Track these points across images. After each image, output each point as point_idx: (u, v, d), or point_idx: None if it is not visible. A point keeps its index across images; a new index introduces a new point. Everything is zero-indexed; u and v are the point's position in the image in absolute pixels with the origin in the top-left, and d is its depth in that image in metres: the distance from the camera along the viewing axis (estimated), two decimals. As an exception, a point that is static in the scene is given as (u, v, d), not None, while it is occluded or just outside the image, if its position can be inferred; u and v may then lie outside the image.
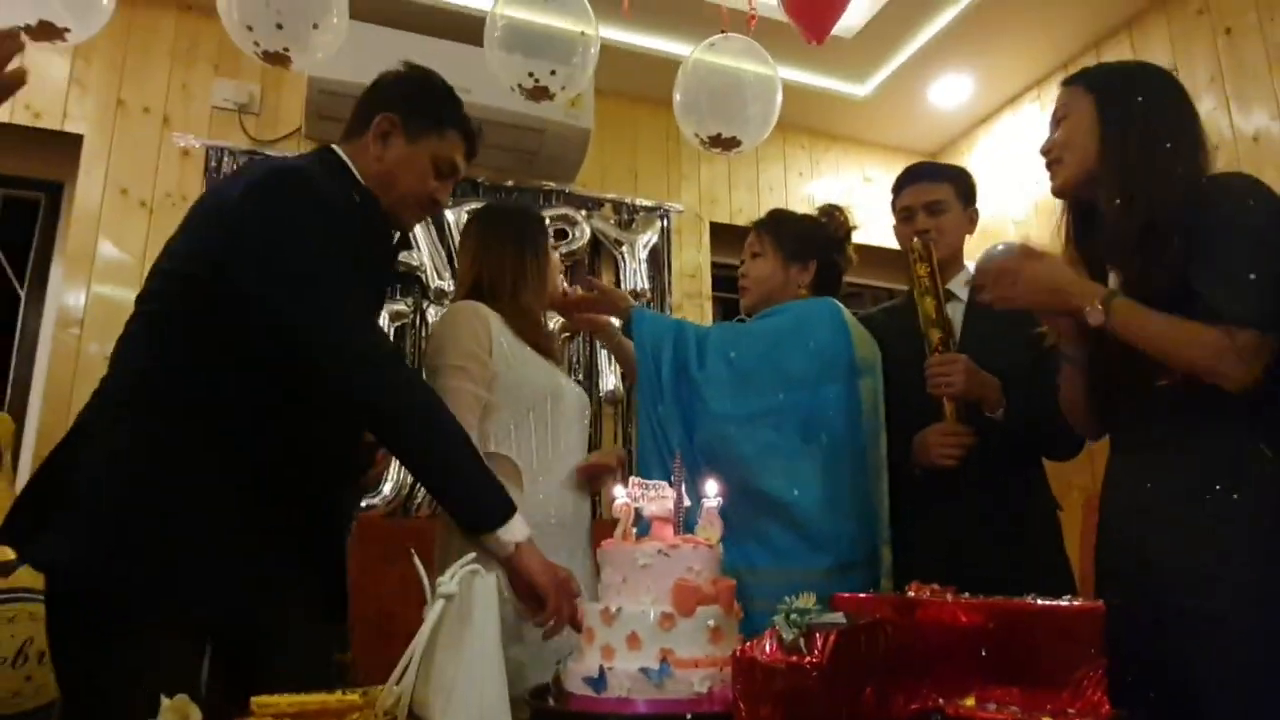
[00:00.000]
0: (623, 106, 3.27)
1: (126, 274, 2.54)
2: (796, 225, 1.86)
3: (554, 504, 1.62)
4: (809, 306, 1.74)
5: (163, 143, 2.67)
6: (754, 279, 1.81)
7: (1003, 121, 3.46)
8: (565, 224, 3.04)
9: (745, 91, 2.29)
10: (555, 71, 2.21)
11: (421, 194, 1.43)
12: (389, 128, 1.40)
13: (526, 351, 1.66)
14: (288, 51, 2.06)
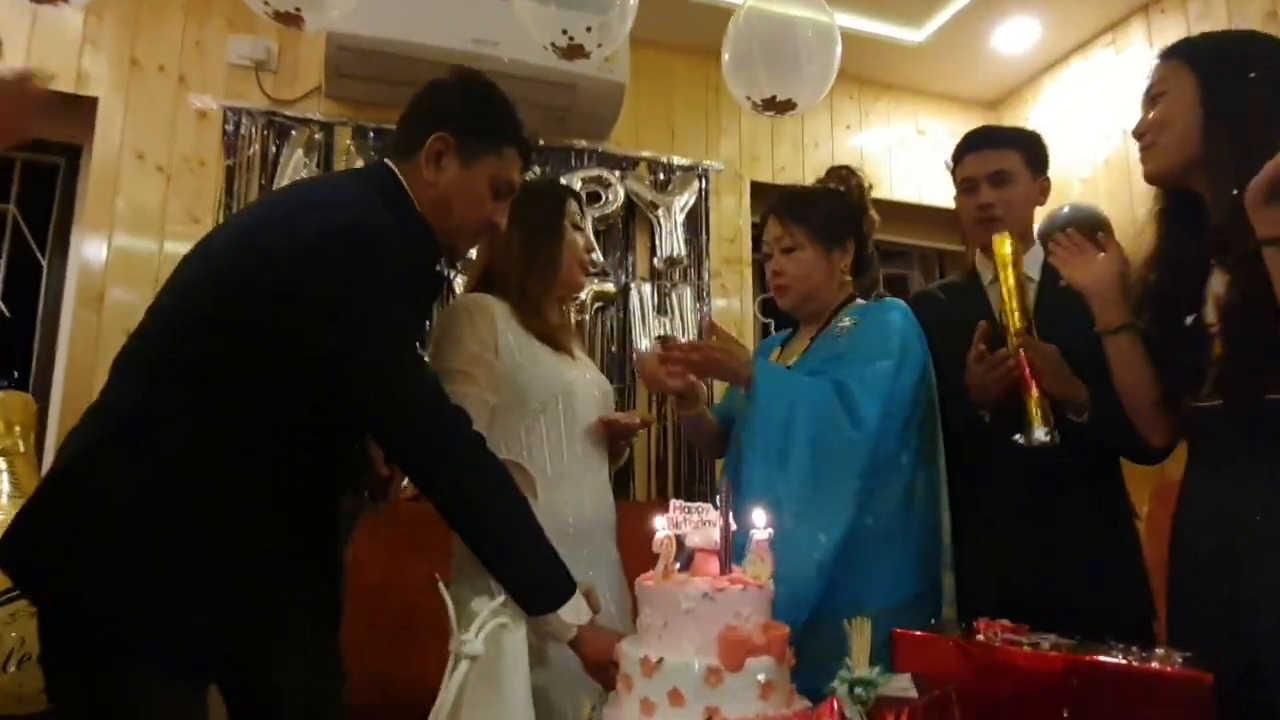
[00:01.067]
0: (660, 57, 3.06)
1: (145, 246, 2.45)
2: (827, 206, 1.67)
3: (572, 511, 1.52)
4: (897, 322, 1.60)
5: (179, 103, 2.55)
6: (795, 276, 1.63)
7: (1071, 69, 3.19)
8: (598, 186, 2.88)
9: (801, 47, 2.10)
10: (591, 28, 2.04)
11: (479, 220, 1.38)
12: (442, 148, 1.31)
13: (535, 347, 1.55)
14: (299, 11, 1.92)
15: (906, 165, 3.40)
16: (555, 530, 1.41)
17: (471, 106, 1.36)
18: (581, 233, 1.69)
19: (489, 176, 1.34)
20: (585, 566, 1.47)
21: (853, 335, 1.57)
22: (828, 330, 1.63)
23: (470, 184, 1.33)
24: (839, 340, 1.58)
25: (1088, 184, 3.07)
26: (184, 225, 2.49)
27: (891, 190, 3.35)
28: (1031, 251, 1.76)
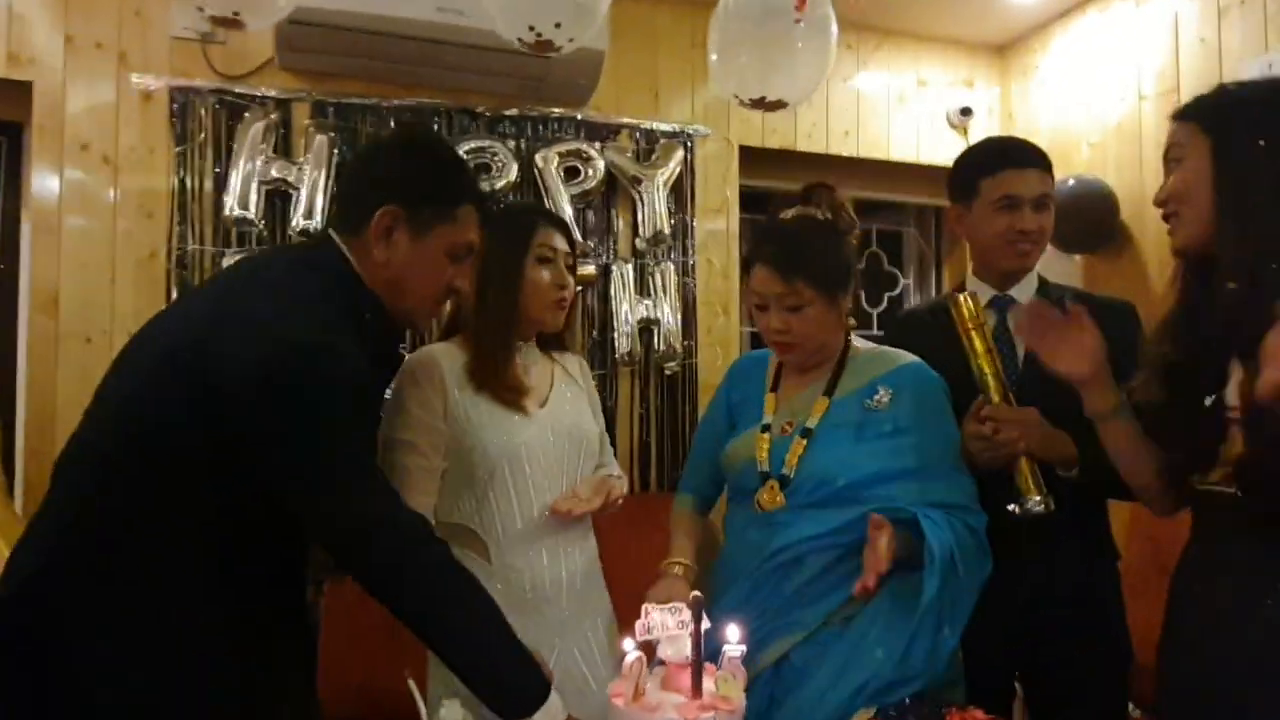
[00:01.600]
0: (641, 10, 2.83)
1: (98, 245, 2.33)
2: (826, 249, 1.50)
3: (528, 577, 1.49)
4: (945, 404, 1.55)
5: (121, 85, 2.37)
6: (803, 334, 1.48)
7: (1087, 18, 2.95)
8: (577, 160, 2.71)
9: (793, 42, 1.90)
10: (560, 24, 1.86)
11: (438, 291, 1.30)
12: (391, 223, 1.22)
13: (483, 408, 1.49)
14: (239, 15, 1.74)
15: (905, 121, 3.20)
16: (512, 598, 1.43)
17: (418, 172, 1.26)
18: (551, 265, 1.56)
19: (445, 245, 1.25)
20: (549, 632, 1.48)
21: (905, 420, 1.47)
22: (853, 395, 1.50)
23: (425, 257, 1.24)
24: (880, 416, 1.47)
25: (1095, 149, 2.90)
26: (137, 220, 2.36)
27: (889, 150, 3.18)
28: (1027, 277, 1.68)
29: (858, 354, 1.56)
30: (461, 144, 2.60)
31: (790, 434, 1.50)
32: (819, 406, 1.51)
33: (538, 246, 1.56)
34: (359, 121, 2.54)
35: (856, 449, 1.46)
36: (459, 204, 1.26)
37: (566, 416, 1.60)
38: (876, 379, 1.51)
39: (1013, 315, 1.66)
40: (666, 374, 2.79)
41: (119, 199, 2.36)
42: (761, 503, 1.48)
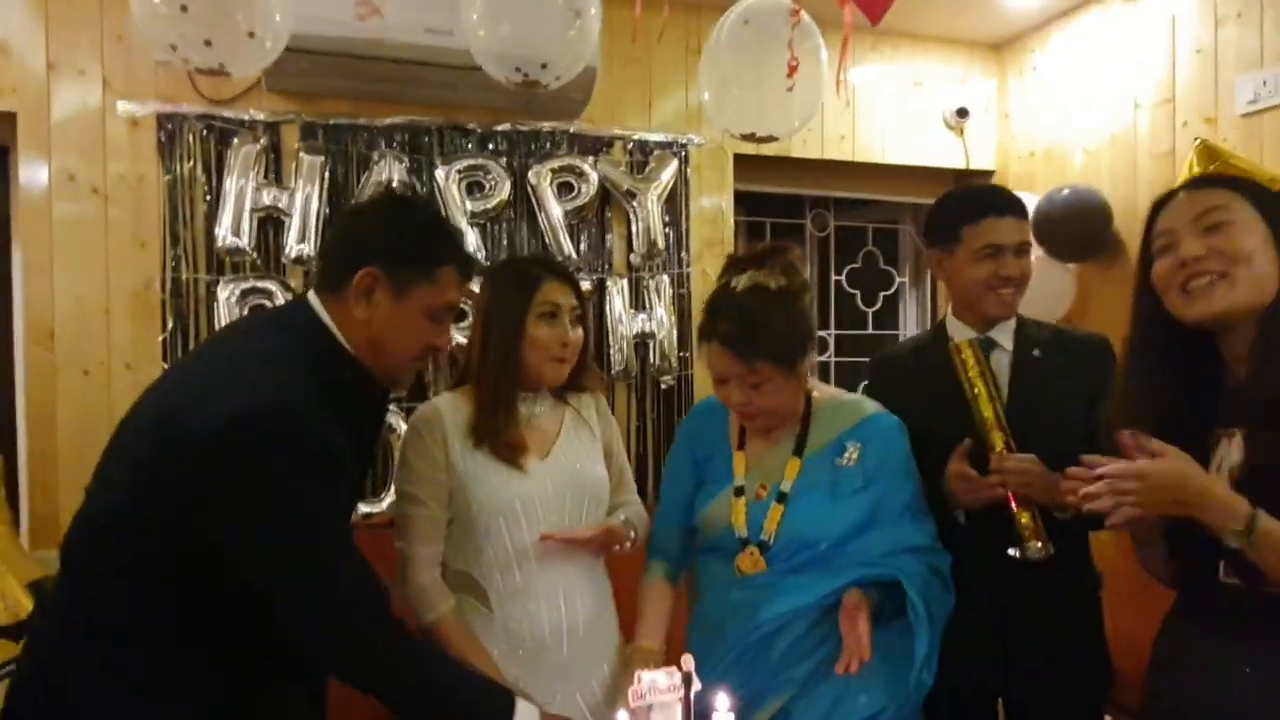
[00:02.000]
0: (633, 16, 2.77)
1: (92, 277, 2.32)
2: (783, 321, 1.48)
3: (526, 628, 1.52)
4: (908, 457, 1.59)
5: (106, 112, 2.33)
6: (766, 408, 1.50)
7: (1088, 18, 2.90)
8: (571, 176, 2.70)
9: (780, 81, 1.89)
10: (546, 64, 1.85)
11: (417, 351, 1.32)
12: (372, 283, 1.25)
13: (479, 462, 1.52)
14: (224, 67, 1.72)
15: (902, 124, 3.17)
16: (512, 645, 1.51)
17: (400, 234, 1.29)
18: (554, 321, 1.56)
19: (424, 307, 1.28)
20: (550, 679, 1.52)
21: (874, 472, 1.52)
22: (823, 452, 1.53)
23: (405, 317, 1.27)
24: (851, 472, 1.51)
25: (1091, 157, 2.88)
26: (130, 251, 2.35)
27: (885, 154, 3.16)
28: (1001, 324, 1.71)
29: (820, 407, 1.58)
30: (453, 162, 2.59)
31: (765, 498, 1.52)
32: (792, 468, 1.52)
33: (540, 304, 1.55)
34: (350, 142, 2.51)
35: (834, 509, 1.49)
36: (439, 265, 1.29)
37: (571, 466, 1.61)
38: (844, 434, 1.53)
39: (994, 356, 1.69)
40: (663, 387, 2.81)
41: (110, 229, 2.34)
42: (743, 567, 1.51)
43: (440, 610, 1.50)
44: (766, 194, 3.23)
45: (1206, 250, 1.17)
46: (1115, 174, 2.79)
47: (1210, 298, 1.17)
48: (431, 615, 1.50)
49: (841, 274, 3.46)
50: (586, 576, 1.61)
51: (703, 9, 2.85)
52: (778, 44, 1.90)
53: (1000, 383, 1.66)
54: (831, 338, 3.44)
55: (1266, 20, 2.33)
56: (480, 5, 1.85)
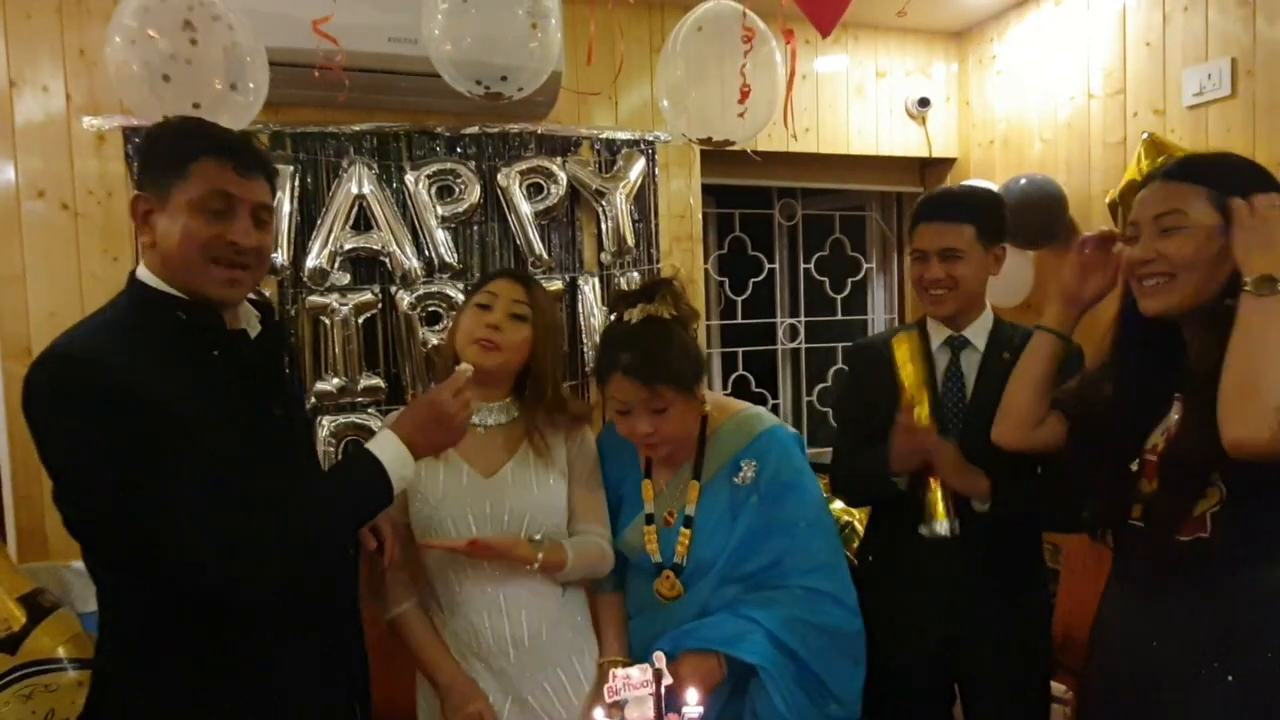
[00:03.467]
0: (596, 15, 2.79)
1: (65, 292, 2.34)
2: (680, 349, 1.55)
3: (470, 636, 1.57)
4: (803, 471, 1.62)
5: (71, 128, 2.33)
6: (671, 435, 1.55)
7: (1043, 10, 2.96)
8: (539, 177, 2.73)
9: (735, 92, 1.94)
10: (506, 76, 1.89)
11: (201, 248, 1.20)
12: (144, 208, 1.23)
13: (420, 474, 1.51)
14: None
15: (864, 114, 3.23)
16: (462, 647, 1.58)
17: (144, 153, 1.29)
18: (487, 312, 1.57)
19: (186, 205, 1.20)
20: (500, 683, 1.57)
21: (768, 486, 1.55)
22: (721, 474, 1.58)
23: (174, 223, 1.20)
24: (747, 489, 1.56)
25: (1048, 146, 2.96)
26: (102, 265, 2.36)
27: (849, 144, 3.21)
28: (980, 319, 1.78)
29: (718, 428, 1.63)
30: (423, 167, 2.61)
31: (674, 524, 1.59)
32: (693, 492, 1.59)
33: (479, 294, 1.61)
34: (318, 150, 2.53)
35: (734, 527, 1.55)
36: (190, 161, 1.21)
37: (514, 496, 1.58)
38: (739, 453, 1.58)
39: (965, 356, 1.76)
40: (636, 382, 2.87)
41: (81, 244, 2.35)
42: (661, 591, 1.60)
43: (401, 607, 1.58)
44: (734, 186, 3.28)
45: (1155, 254, 1.25)
46: (1070, 163, 2.86)
47: (1155, 297, 1.27)
48: (393, 611, 1.58)
49: (810, 262, 3.53)
50: (536, 588, 1.59)
51: (665, 7, 2.88)
52: (732, 50, 1.94)
53: (966, 381, 1.75)
54: (801, 324, 3.52)
55: (1211, 14, 2.40)
56: (441, 18, 1.88)
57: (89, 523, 1.18)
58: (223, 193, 1.22)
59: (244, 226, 1.24)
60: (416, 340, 2.57)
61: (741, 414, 1.65)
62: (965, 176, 3.28)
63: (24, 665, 2.03)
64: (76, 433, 1.11)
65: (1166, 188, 1.27)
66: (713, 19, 1.97)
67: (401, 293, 2.57)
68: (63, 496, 1.17)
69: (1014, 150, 3.09)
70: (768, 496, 1.55)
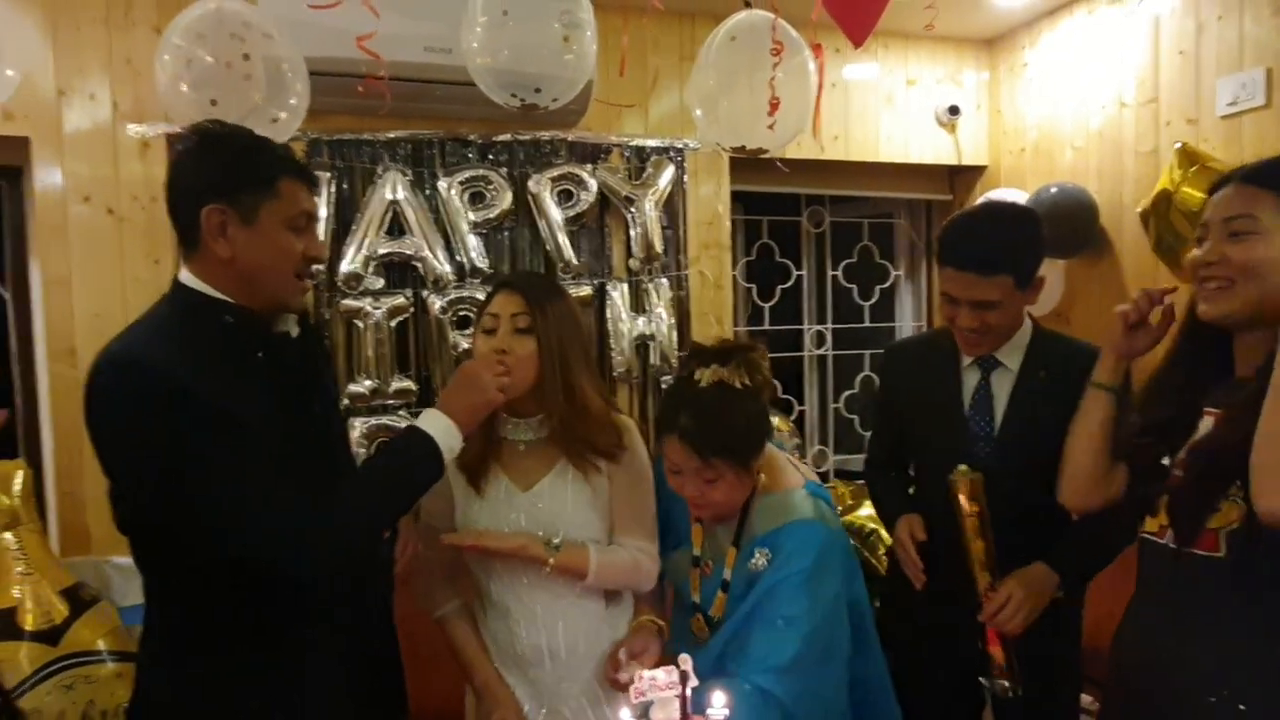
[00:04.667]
0: (629, 23, 2.82)
1: (108, 295, 2.40)
2: (745, 420, 1.49)
3: (508, 641, 1.58)
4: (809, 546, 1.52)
5: (117, 134, 2.40)
6: (720, 504, 1.51)
7: (1075, 18, 2.95)
8: (570, 184, 2.76)
9: (767, 100, 1.96)
10: (540, 89, 1.92)
11: (293, 266, 1.28)
12: (221, 218, 1.22)
13: (458, 480, 1.57)
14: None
15: (894, 121, 3.23)
16: (499, 654, 1.60)
17: (224, 164, 1.26)
18: (493, 336, 1.51)
19: (280, 222, 1.24)
20: (535, 692, 1.57)
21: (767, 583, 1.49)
22: (745, 550, 1.54)
23: (265, 239, 1.24)
24: (754, 577, 1.50)
25: (1079, 154, 2.94)
26: (145, 268, 2.43)
27: (878, 152, 3.21)
28: (1013, 340, 1.69)
29: (760, 502, 1.56)
30: (455, 173, 2.65)
31: (711, 575, 1.59)
32: (730, 557, 1.55)
33: (484, 318, 1.55)
34: (353, 157, 2.58)
35: (737, 606, 1.52)
36: (277, 178, 1.25)
37: (549, 510, 1.56)
38: (758, 539, 1.52)
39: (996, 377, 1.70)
40: (663, 387, 2.89)
41: (125, 248, 2.42)
42: (693, 629, 1.62)
43: (444, 609, 1.62)
44: (763, 193, 3.29)
45: (1219, 257, 1.20)
46: (1102, 171, 2.85)
47: (1213, 301, 1.22)
48: (437, 613, 1.62)
49: (838, 269, 3.53)
50: (575, 601, 1.57)
51: (696, 16, 2.90)
52: (765, 60, 1.96)
53: (996, 403, 1.69)
54: (829, 332, 3.52)
55: (1246, 23, 2.38)
56: (480, 31, 1.91)
57: (145, 523, 1.23)
58: (306, 212, 1.30)
59: (318, 241, 1.34)
60: (447, 344, 2.61)
61: (783, 494, 1.57)
62: (995, 184, 3.26)
63: (65, 657, 2.09)
64: (135, 433, 1.15)
65: (1241, 191, 1.21)
66: (746, 29, 1.99)
67: (433, 297, 2.61)
68: (122, 495, 1.22)
69: (1045, 158, 3.08)
70: (768, 588, 1.48)
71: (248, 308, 1.27)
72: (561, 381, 1.51)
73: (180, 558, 1.22)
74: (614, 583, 1.61)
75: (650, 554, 1.62)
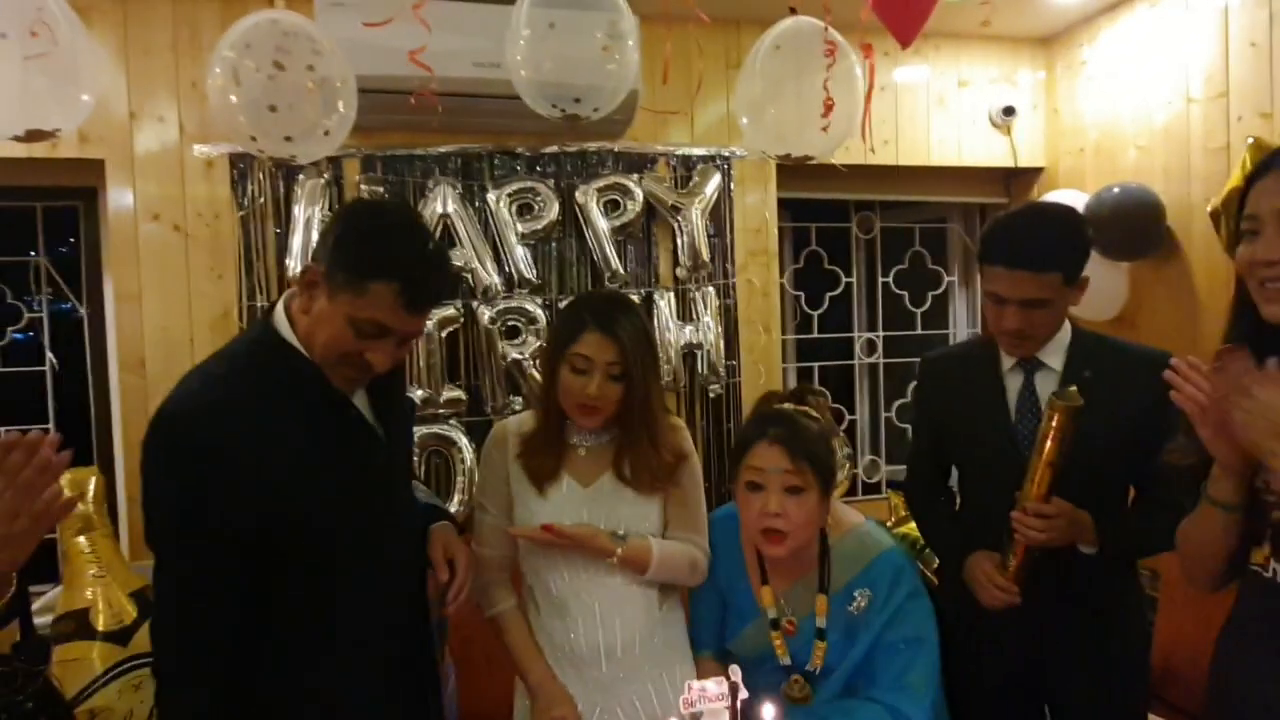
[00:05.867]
0: (673, 33, 2.83)
1: (176, 306, 2.51)
2: (825, 444, 1.60)
3: (564, 639, 1.61)
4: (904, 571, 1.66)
5: (184, 155, 2.51)
6: (799, 523, 1.55)
7: (1135, 14, 2.85)
8: (616, 194, 2.78)
9: (818, 105, 1.94)
10: (580, 99, 1.94)
11: (342, 355, 1.27)
12: (314, 279, 1.27)
13: (523, 480, 1.62)
14: (294, 158, 1.87)
15: (946, 124, 3.16)
16: (555, 653, 1.62)
17: (343, 238, 1.27)
18: (584, 375, 1.55)
19: (345, 315, 1.24)
20: (590, 691, 1.60)
21: (884, 611, 1.58)
22: (837, 597, 1.61)
23: (330, 319, 1.26)
24: (861, 619, 1.59)
25: (1143, 153, 2.84)
26: (209, 283, 2.53)
27: (929, 155, 3.15)
28: (1055, 340, 1.68)
29: (836, 545, 1.64)
30: (504, 185, 2.69)
31: (795, 631, 1.62)
32: (821, 605, 1.60)
33: (572, 355, 1.56)
34: (406, 172, 2.64)
35: (850, 645, 1.59)
36: (372, 279, 1.23)
37: (610, 505, 1.63)
38: (852, 581, 1.60)
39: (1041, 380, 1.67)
40: (711, 396, 2.88)
41: (191, 263, 2.52)
42: (791, 694, 1.61)
43: (500, 607, 1.65)
44: (811, 200, 3.26)
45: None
46: (1168, 170, 2.74)
47: (1278, 302, 1.11)
48: (492, 610, 1.65)
49: (889, 275, 3.47)
50: (632, 598, 1.62)
51: (741, 23, 2.90)
52: (810, 66, 1.95)
53: (1041, 405, 1.64)
54: (879, 339, 3.46)
55: (1322, 12, 2.27)
56: (524, 44, 1.94)
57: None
58: (379, 322, 1.25)
59: (386, 352, 1.28)
60: (496, 354, 2.64)
61: (854, 532, 1.66)
62: (1054, 186, 3.17)
63: (134, 657, 2.17)
64: (153, 486, 1.23)
65: None
66: (791, 37, 1.98)
67: (482, 308, 2.65)
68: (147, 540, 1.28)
69: (1106, 158, 2.98)
70: (888, 622, 1.58)
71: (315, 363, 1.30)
72: (639, 415, 1.59)
73: None
74: (671, 576, 1.66)
75: (704, 548, 1.70)
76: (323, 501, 1.27)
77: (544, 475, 1.62)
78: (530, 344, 2.66)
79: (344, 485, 1.31)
